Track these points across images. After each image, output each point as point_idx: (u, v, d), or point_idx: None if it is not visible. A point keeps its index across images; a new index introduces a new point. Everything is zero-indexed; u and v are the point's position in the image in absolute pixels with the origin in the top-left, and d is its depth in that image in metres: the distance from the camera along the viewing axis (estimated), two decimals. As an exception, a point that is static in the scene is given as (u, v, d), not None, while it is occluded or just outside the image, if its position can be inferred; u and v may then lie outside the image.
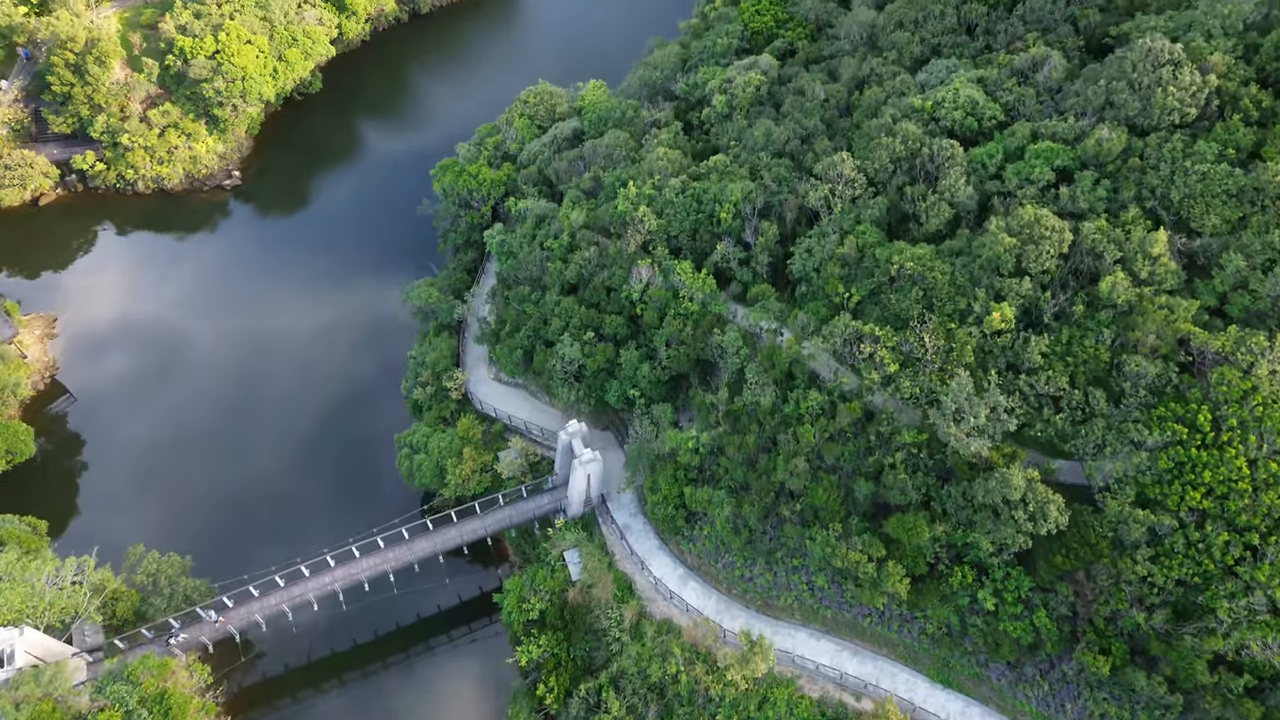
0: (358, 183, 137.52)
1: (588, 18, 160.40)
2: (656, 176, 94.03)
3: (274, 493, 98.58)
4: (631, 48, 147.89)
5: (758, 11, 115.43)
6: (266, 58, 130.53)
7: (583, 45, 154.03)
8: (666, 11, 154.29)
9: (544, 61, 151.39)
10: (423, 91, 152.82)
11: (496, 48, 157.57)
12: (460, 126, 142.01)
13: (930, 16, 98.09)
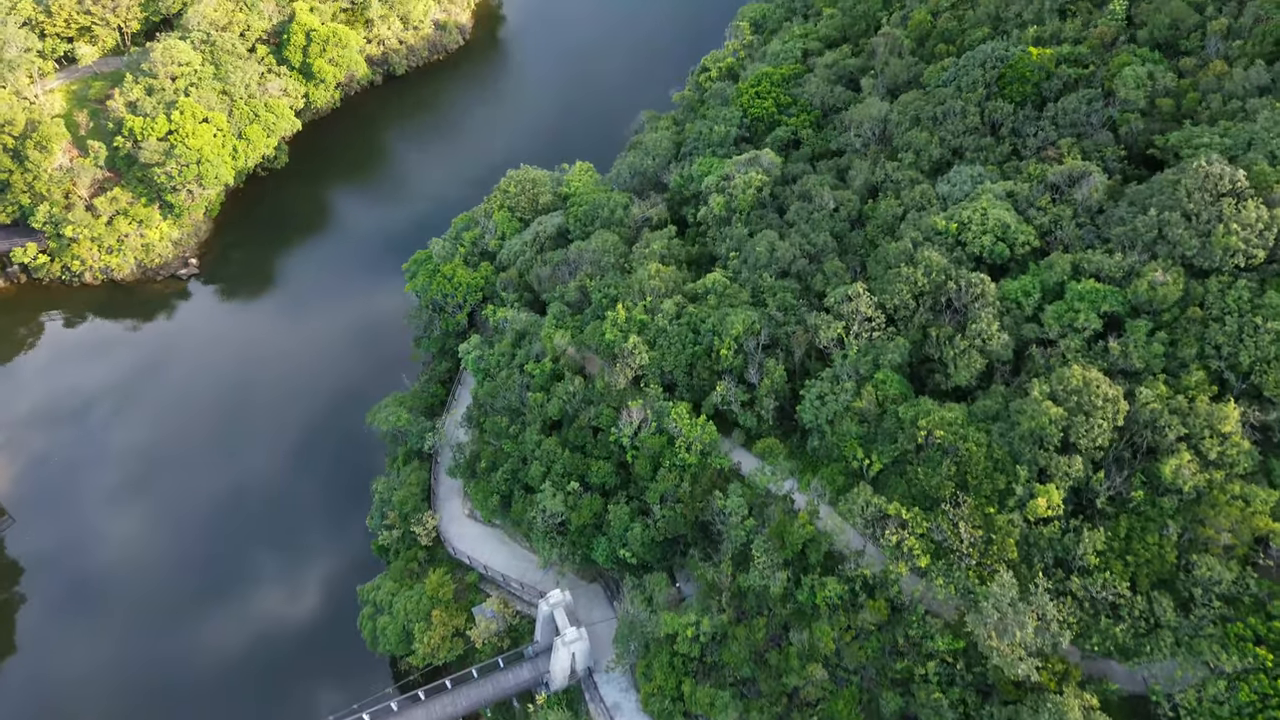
0: (326, 266, 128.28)
1: (572, 76, 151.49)
2: (649, 298, 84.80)
3: (221, 656, 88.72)
4: (620, 112, 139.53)
5: (757, 95, 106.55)
6: (225, 136, 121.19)
7: (567, 106, 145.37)
8: (657, 72, 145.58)
9: (527, 124, 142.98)
10: (398, 159, 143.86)
11: (477, 109, 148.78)
12: (437, 197, 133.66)
13: (950, 114, 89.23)
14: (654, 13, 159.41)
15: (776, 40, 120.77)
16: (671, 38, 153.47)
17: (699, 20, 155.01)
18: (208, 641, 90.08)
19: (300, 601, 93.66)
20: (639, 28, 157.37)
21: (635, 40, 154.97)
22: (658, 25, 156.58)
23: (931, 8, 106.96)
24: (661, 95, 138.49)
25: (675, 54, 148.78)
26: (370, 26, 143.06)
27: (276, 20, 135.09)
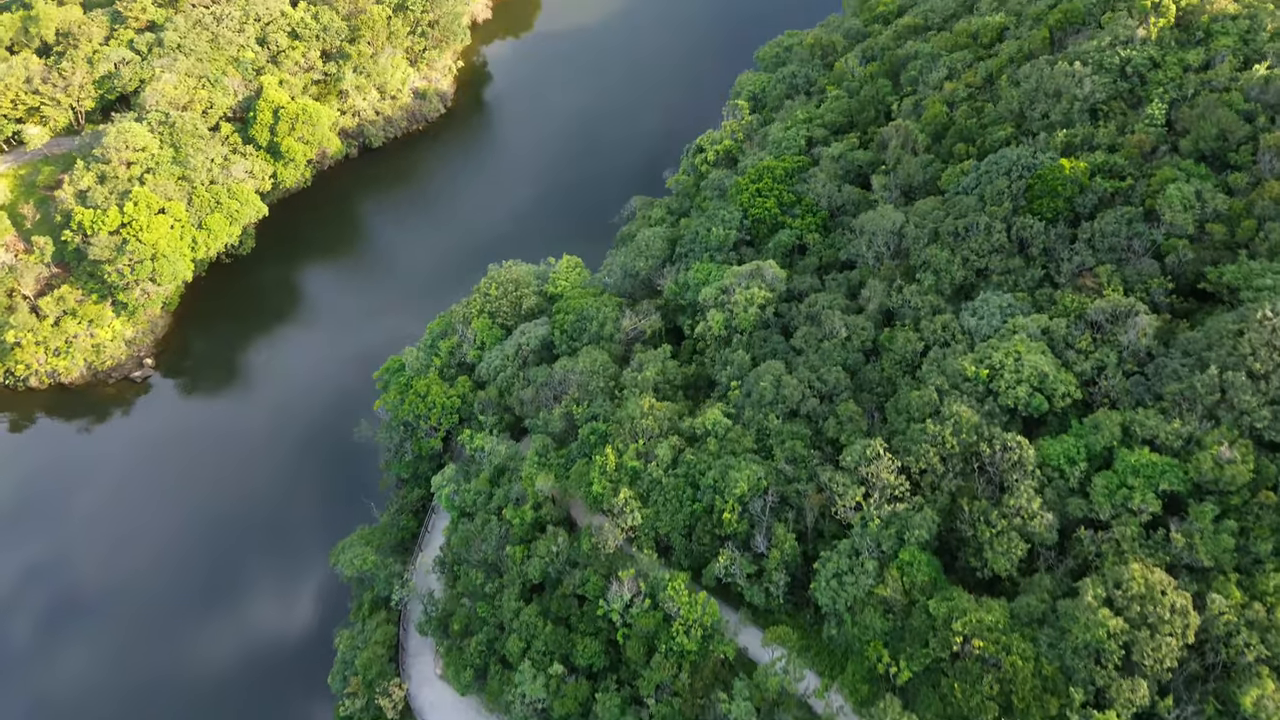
0: (296, 362, 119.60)
1: (560, 148, 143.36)
2: (641, 440, 76.21)
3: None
4: (611, 189, 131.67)
5: (759, 192, 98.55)
6: (184, 227, 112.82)
7: (555, 181, 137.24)
8: (649, 145, 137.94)
9: (512, 199, 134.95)
10: (375, 238, 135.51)
11: (459, 182, 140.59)
12: (416, 280, 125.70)
13: (973, 229, 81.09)
14: (647, 79, 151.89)
15: (778, 123, 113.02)
16: (665, 108, 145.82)
17: (694, 89, 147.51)
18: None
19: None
20: (632, 95, 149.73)
21: (628, 108, 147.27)
22: (650, 93, 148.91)
23: (946, 97, 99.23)
24: (654, 170, 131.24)
25: (669, 126, 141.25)
26: (344, 97, 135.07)
27: (243, 96, 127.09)
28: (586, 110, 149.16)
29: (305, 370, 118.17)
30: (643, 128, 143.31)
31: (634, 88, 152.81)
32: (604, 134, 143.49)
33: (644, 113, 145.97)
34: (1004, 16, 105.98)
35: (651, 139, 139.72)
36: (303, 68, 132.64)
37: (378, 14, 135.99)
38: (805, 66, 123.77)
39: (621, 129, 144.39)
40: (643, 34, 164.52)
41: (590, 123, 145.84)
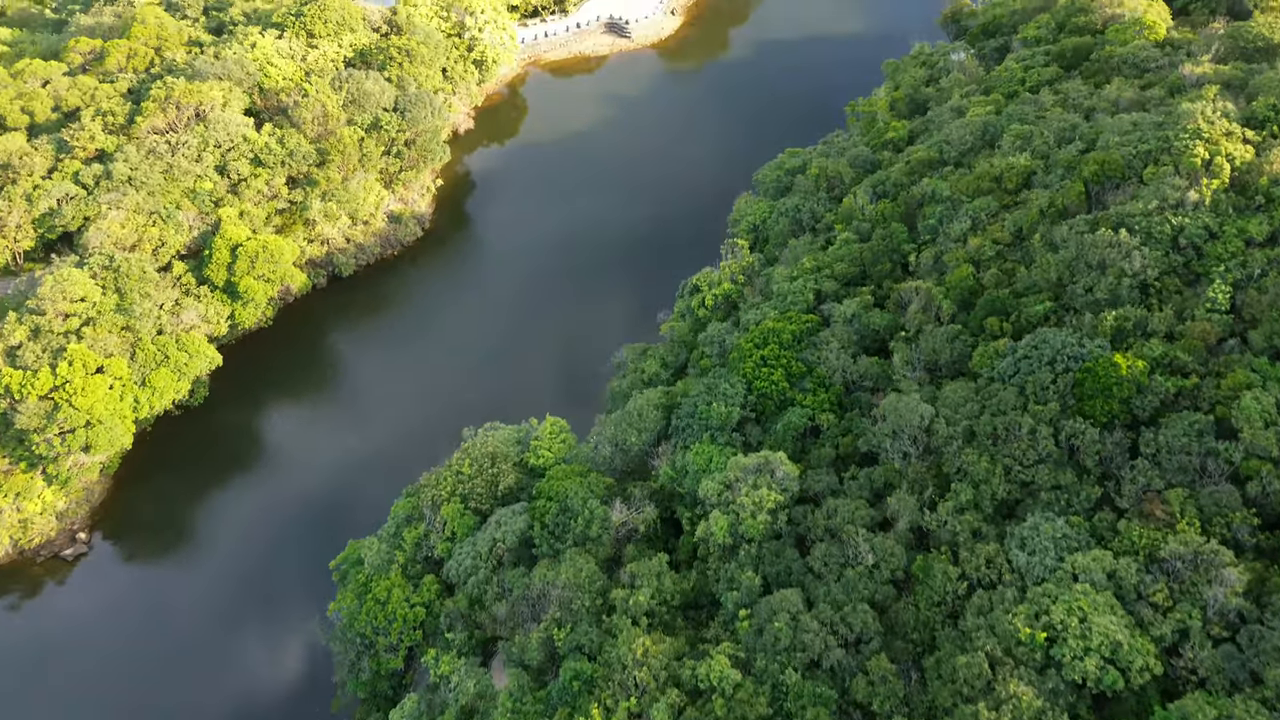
0: (251, 525, 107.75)
1: (546, 275, 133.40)
2: (633, 698, 64.61)
3: None
4: (600, 326, 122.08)
5: (764, 360, 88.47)
6: (124, 387, 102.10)
7: (538, 317, 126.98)
8: (642, 273, 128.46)
9: (492, 335, 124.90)
10: (343, 374, 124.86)
11: (436, 313, 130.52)
12: (387, 429, 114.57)
13: (1013, 433, 70.73)
14: (639, 196, 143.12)
15: (782, 268, 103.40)
16: (656, 229, 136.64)
17: (689, 208, 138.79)
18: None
19: None
20: (622, 214, 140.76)
21: (617, 230, 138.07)
22: (641, 212, 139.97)
23: (971, 254, 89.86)
24: (646, 303, 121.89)
25: (662, 249, 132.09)
26: (311, 225, 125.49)
27: (199, 231, 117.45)
28: (573, 232, 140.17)
29: (263, 534, 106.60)
30: (633, 253, 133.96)
31: (624, 206, 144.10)
32: (592, 261, 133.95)
33: (634, 235, 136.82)
34: (1029, 159, 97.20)
35: (642, 267, 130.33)
36: (266, 196, 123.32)
37: (349, 137, 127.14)
38: (810, 200, 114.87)
39: (611, 252, 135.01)
40: (633, 144, 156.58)
41: (577, 247, 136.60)
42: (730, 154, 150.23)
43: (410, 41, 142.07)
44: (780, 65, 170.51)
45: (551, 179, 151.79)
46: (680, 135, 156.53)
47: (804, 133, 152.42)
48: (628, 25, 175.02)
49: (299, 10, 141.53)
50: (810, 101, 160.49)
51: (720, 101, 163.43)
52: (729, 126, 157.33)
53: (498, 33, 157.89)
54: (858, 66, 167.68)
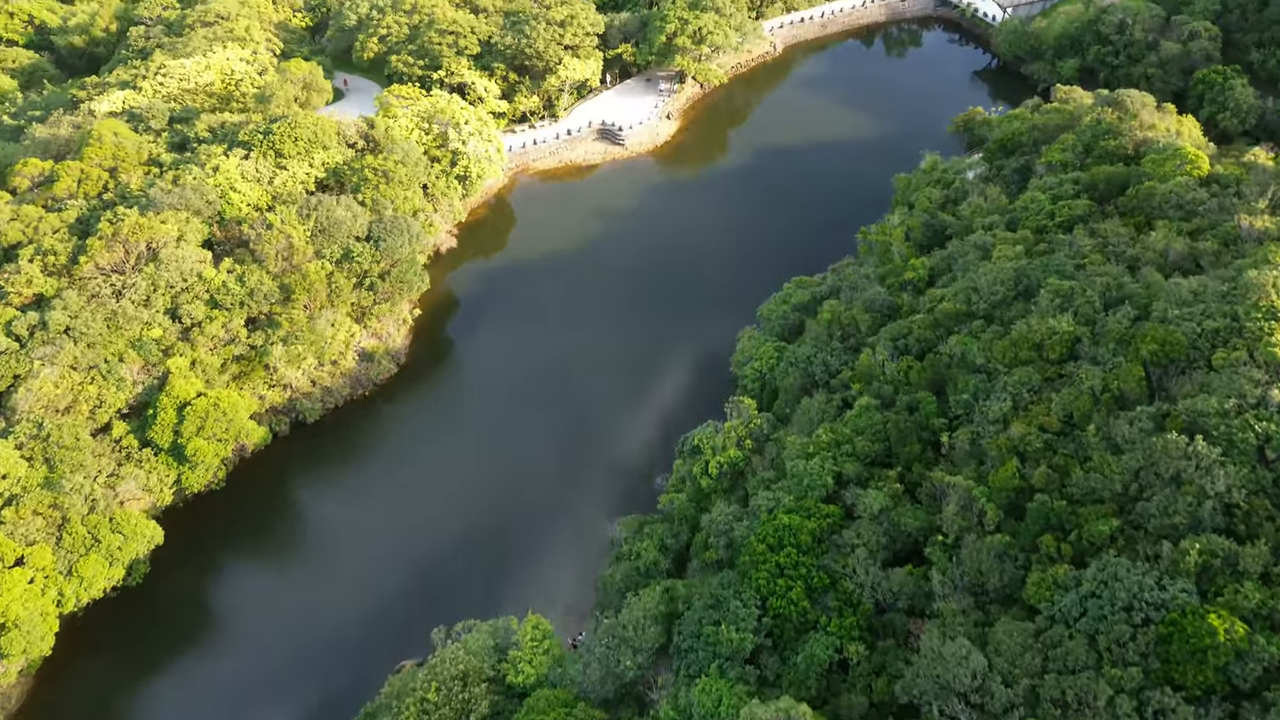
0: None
1: (524, 414, 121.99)
2: None
3: None
4: (587, 482, 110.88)
5: (779, 568, 77.22)
6: (48, 578, 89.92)
7: (519, 466, 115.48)
8: (629, 422, 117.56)
9: (469, 488, 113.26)
10: (304, 534, 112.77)
11: (406, 462, 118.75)
12: (353, 598, 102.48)
13: (1086, 701, 58.98)
14: (632, 325, 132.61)
15: (795, 441, 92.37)
16: (654, 362, 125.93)
17: (687, 340, 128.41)
18: None
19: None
20: (614, 344, 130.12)
21: (615, 361, 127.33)
22: (636, 343, 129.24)
23: (1016, 443, 78.96)
24: (642, 457, 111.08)
25: (659, 390, 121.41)
26: (273, 370, 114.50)
27: (144, 386, 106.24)
28: (564, 360, 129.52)
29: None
30: (628, 388, 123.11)
31: (618, 331, 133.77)
32: (584, 396, 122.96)
33: (629, 366, 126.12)
34: (1072, 323, 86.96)
35: (638, 408, 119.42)
36: (222, 341, 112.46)
37: (316, 272, 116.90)
38: (823, 351, 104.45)
39: (604, 385, 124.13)
40: (628, 261, 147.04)
41: (569, 378, 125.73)
42: (731, 271, 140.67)
43: (387, 161, 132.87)
44: (783, 174, 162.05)
45: (540, 299, 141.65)
46: (678, 252, 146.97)
47: (810, 251, 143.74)
48: (621, 132, 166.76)
49: (267, 128, 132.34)
50: (816, 214, 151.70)
51: (720, 214, 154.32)
52: (729, 242, 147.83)
53: (483, 145, 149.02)
54: (865, 177, 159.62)
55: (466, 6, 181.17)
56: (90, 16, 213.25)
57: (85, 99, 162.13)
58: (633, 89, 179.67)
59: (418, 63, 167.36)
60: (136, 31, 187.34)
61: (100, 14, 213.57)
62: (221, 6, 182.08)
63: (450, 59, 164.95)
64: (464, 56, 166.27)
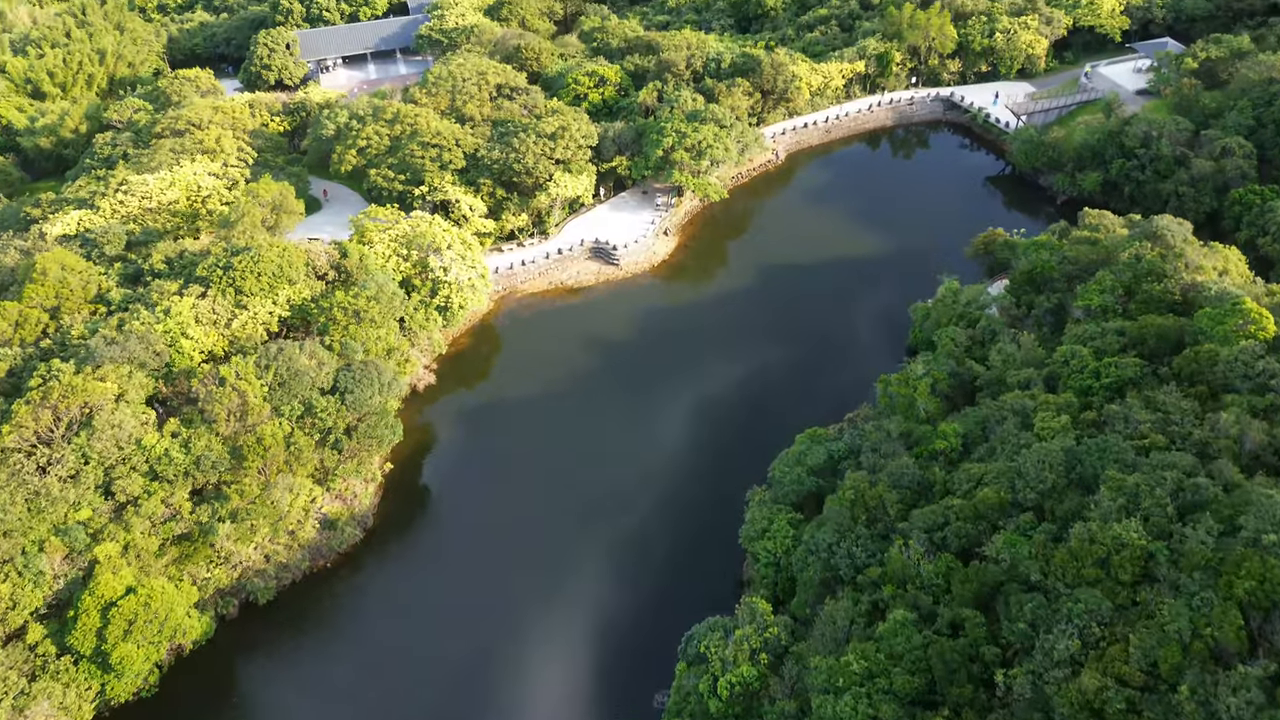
0: None
1: (507, 577, 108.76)
2: None
3: None
4: (576, 683, 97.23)
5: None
6: (-71, 839, 75.07)
7: (499, 631, 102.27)
8: (624, 613, 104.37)
9: (444, 661, 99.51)
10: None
11: (379, 641, 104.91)
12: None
13: None
14: (632, 470, 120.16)
15: (821, 665, 79.02)
16: (653, 524, 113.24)
17: (688, 496, 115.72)
18: None
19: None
20: (615, 493, 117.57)
21: (611, 515, 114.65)
22: (630, 502, 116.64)
23: (1090, 698, 65.94)
24: (640, 656, 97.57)
25: (658, 556, 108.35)
26: (219, 549, 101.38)
27: (66, 580, 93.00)
28: (552, 515, 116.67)
29: None
30: (617, 560, 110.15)
31: (612, 479, 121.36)
32: (567, 567, 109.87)
33: (621, 533, 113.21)
34: (1143, 533, 74.51)
35: (633, 591, 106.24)
36: (162, 519, 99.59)
37: (272, 434, 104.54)
38: (846, 538, 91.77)
39: (590, 558, 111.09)
40: (622, 396, 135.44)
41: (549, 550, 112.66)
42: (736, 410, 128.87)
43: (359, 299, 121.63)
44: (789, 296, 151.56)
45: (526, 442, 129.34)
46: (676, 388, 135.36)
47: (823, 388, 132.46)
48: (615, 251, 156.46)
49: (227, 262, 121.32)
50: (828, 344, 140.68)
51: (722, 344, 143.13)
52: (732, 375, 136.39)
53: (467, 271, 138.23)
54: (879, 300, 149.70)
55: (452, 115, 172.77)
56: (60, 116, 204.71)
57: (40, 217, 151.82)
58: (628, 203, 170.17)
59: (398, 177, 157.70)
60: (102, 139, 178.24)
61: (71, 113, 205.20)
62: (194, 113, 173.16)
63: (433, 174, 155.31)
64: (448, 171, 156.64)
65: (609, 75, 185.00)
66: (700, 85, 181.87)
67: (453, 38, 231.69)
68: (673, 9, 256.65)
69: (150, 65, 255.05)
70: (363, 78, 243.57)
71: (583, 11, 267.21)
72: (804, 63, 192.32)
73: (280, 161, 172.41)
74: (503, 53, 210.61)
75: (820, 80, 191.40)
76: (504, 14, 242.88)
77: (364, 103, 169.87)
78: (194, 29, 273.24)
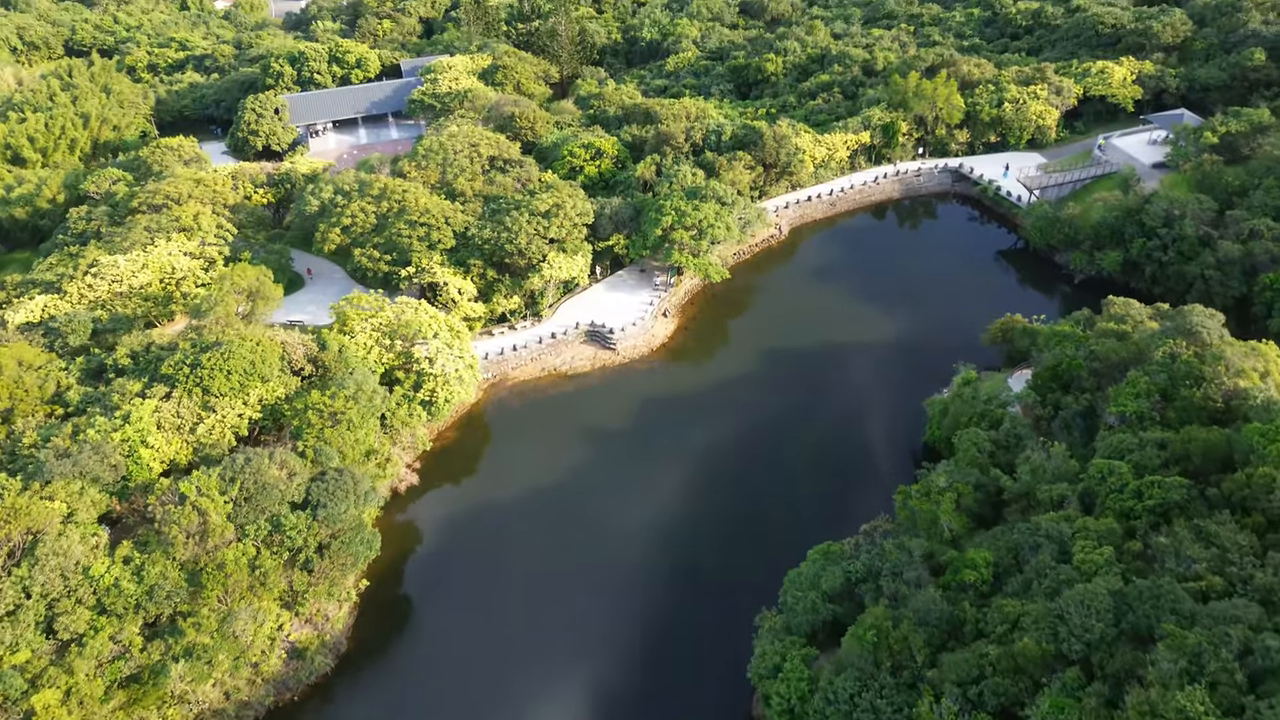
0: None
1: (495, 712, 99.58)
2: None
3: None
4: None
5: None
6: None
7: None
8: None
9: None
10: None
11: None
12: None
13: None
14: (629, 580, 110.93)
15: None
16: (649, 645, 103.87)
17: (693, 619, 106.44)
18: None
19: None
20: (609, 608, 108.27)
21: (605, 634, 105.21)
22: (632, 611, 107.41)
23: None
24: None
25: (656, 686, 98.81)
26: (171, 688, 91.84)
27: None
28: (536, 645, 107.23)
29: None
30: (615, 698, 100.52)
31: (607, 590, 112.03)
32: (555, 695, 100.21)
33: (619, 660, 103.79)
34: (1210, 707, 65.59)
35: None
36: (109, 658, 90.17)
37: (235, 559, 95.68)
38: (869, 688, 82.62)
39: (581, 695, 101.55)
40: (618, 497, 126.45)
41: (542, 679, 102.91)
42: (739, 519, 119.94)
43: (336, 400, 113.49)
44: (795, 385, 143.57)
45: (515, 547, 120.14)
46: (677, 483, 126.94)
47: (834, 488, 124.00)
48: (612, 335, 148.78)
49: (195, 359, 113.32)
50: (837, 440, 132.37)
51: (723, 438, 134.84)
52: (734, 478, 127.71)
53: (454, 362, 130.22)
54: (890, 387, 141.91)
55: (442, 190, 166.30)
56: (37, 186, 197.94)
57: (4, 301, 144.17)
58: (625, 281, 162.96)
59: (384, 257, 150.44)
60: (77, 213, 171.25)
61: (49, 182, 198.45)
62: (172, 187, 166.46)
63: (421, 254, 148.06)
64: (436, 250, 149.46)
65: (606, 147, 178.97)
66: (700, 159, 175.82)
67: (446, 103, 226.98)
68: (671, 73, 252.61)
69: (136, 128, 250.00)
70: (353, 142, 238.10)
71: (579, 74, 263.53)
72: (807, 133, 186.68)
73: (262, 238, 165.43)
74: (497, 120, 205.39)
75: (824, 152, 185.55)
76: (499, 78, 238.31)
77: (350, 177, 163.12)
78: (183, 90, 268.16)
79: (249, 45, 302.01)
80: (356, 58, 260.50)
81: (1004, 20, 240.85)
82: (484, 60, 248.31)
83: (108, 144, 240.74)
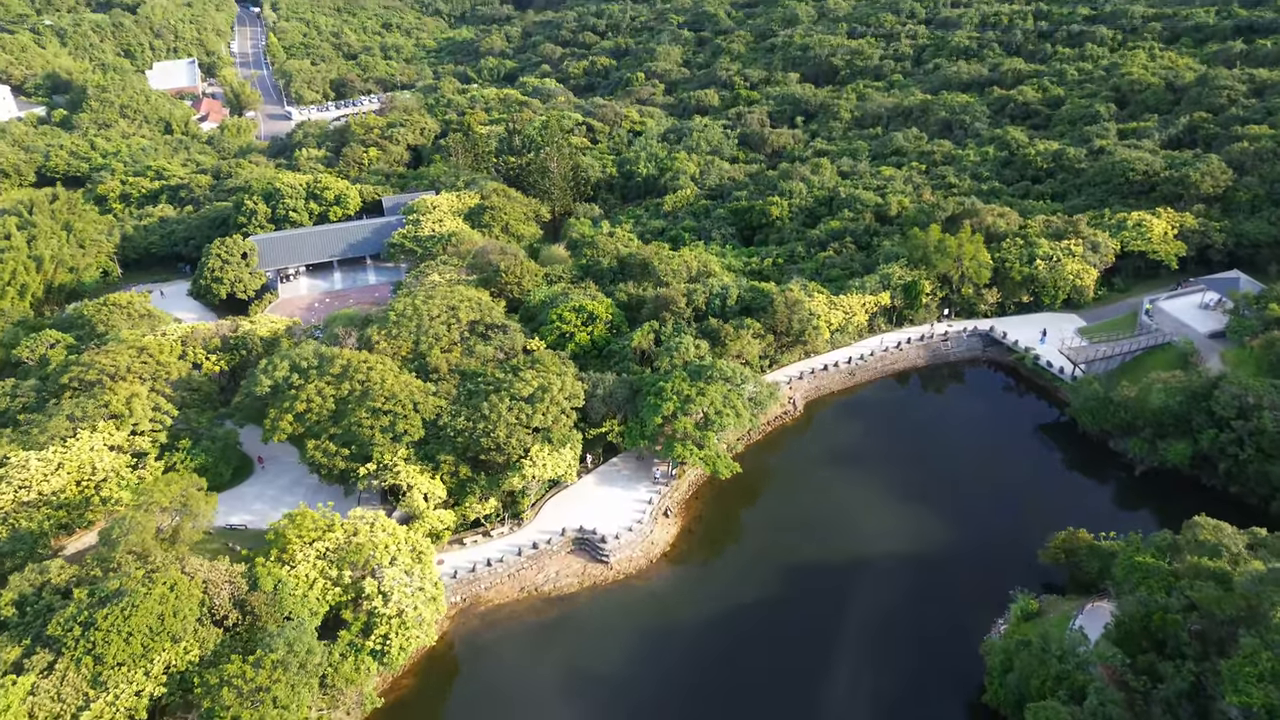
0: None
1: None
2: None
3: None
4: None
5: None
6: None
7: None
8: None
9: None
10: None
11: None
12: None
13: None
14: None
15: None
16: None
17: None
18: None
19: None
20: None
21: None
22: None
23: None
24: None
25: None
26: None
27: None
28: None
29: None
30: None
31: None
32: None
33: None
34: None
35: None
36: None
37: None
38: None
39: None
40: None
41: None
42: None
43: (261, 669, 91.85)
44: (820, 610, 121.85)
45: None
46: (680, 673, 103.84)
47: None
48: (605, 543, 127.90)
49: (89, 617, 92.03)
50: (872, 691, 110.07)
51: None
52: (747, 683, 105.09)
53: (413, 596, 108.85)
54: (931, 612, 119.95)
55: (414, 363, 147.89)
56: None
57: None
58: (620, 473, 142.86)
59: (341, 451, 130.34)
60: (2, 388, 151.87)
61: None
62: (110, 360, 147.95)
63: (384, 447, 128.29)
64: (401, 444, 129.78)
65: (599, 311, 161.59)
66: (703, 325, 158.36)
67: (428, 246, 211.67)
68: (669, 213, 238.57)
69: (97, 268, 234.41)
70: (326, 288, 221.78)
71: (571, 212, 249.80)
72: (821, 294, 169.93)
73: (205, 421, 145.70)
74: (481, 270, 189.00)
75: (841, 316, 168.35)
76: (486, 219, 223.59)
77: (309, 351, 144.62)
78: (153, 224, 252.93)
79: (228, 174, 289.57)
80: (336, 194, 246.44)
81: (1023, 161, 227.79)
82: (471, 199, 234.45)
83: (62, 287, 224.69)
